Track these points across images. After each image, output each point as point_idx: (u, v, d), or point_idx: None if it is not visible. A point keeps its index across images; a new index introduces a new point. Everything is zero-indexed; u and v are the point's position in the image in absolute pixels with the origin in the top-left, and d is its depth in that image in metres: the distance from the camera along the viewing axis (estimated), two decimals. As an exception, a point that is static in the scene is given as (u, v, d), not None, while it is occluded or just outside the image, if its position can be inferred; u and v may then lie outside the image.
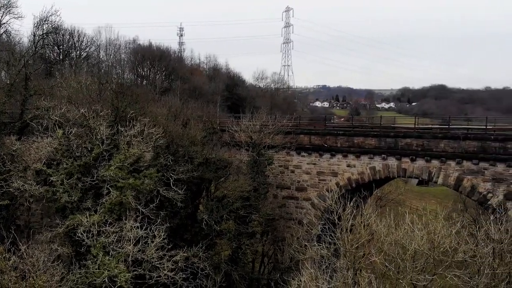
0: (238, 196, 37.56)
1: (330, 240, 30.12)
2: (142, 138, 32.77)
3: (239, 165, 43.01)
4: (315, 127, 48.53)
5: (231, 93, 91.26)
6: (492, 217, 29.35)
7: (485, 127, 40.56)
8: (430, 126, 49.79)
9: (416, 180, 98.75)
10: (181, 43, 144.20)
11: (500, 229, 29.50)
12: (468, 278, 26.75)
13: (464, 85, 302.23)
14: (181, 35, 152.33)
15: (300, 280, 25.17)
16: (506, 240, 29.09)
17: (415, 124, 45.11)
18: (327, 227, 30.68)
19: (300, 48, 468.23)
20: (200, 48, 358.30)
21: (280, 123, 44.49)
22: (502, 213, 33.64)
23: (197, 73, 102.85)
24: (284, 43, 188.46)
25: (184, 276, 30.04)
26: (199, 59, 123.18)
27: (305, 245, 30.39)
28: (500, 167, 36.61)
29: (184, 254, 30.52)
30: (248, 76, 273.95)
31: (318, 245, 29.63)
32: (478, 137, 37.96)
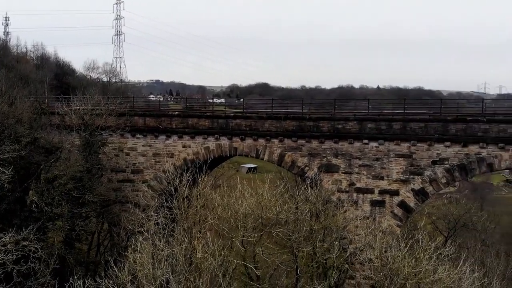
0: (71, 177, 36.56)
1: (168, 211, 31.43)
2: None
3: (71, 149, 41.61)
4: (150, 111, 49.07)
5: (60, 82, 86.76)
6: (308, 182, 33.81)
7: (301, 110, 45.76)
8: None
9: (246, 168, 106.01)
10: (7, 33, 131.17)
11: (315, 193, 34.35)
12: (291, 234, 30.53)
13: (284, 84, 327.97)
14: (7, 25, 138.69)
15: (137, 247, 25.95)
16: (320, 202, 34.04)
17: (243, 110, 48.69)
18: (164, 198, 31.91)
19: (134, 42, 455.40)
20: (27, 37, 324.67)
21: (114, 105, 44.09)
22: (316, 181, 38.82)
23: (24, 61, 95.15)
24: (115, 35, 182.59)
25: (14, 258, 28.54)
26: (26, 48, 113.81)
27: (143, 218, 31.11)
28: (314, 143, 41.48)
29: (14, 236, 28.97)
30: (79, 66, 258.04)
31: (156, 215, 30.70)
32: (296, 117, 42.48)
